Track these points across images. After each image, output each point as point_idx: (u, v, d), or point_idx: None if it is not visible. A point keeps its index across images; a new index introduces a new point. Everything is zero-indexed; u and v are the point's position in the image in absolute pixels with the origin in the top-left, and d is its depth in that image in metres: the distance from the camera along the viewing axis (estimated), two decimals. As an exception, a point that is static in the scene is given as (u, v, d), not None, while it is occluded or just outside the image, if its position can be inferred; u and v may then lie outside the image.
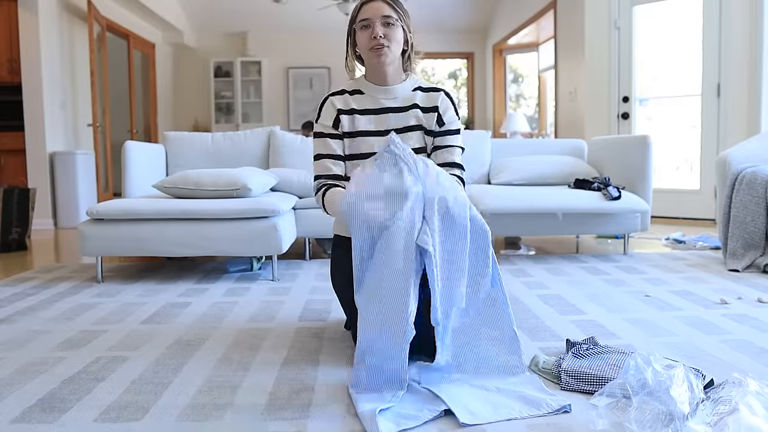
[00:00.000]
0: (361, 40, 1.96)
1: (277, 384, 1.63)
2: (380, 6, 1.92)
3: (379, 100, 2.00)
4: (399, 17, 1.94)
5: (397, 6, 1.96)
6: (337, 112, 1.99)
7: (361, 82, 2.04)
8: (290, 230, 3.19)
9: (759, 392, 1.28)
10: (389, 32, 1.92)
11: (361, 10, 1.95)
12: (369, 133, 1.98)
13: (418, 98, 2.00)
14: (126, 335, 2.11)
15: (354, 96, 2.02)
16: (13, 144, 5.43)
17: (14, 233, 4.21)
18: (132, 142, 3.60)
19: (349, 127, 1.99)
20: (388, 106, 2.00)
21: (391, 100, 2.00)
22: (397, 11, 1.94)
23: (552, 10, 6.71)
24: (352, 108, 2.00)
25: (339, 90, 2.05)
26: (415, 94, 2.01)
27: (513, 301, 2.54)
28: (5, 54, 5.38)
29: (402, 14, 1.95)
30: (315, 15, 8.78)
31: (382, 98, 2.00)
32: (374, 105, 2.00)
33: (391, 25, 1.92)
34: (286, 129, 9.46)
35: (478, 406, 1.42)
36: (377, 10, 1.91)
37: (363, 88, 2.02)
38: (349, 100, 2.01)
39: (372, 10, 1.92)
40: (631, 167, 3.71)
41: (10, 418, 1.44)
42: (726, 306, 2.42)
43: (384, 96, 2.00)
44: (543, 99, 8.40)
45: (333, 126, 2.00)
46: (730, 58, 4.90)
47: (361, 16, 1.94)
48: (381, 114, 1.99)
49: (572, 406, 1.45)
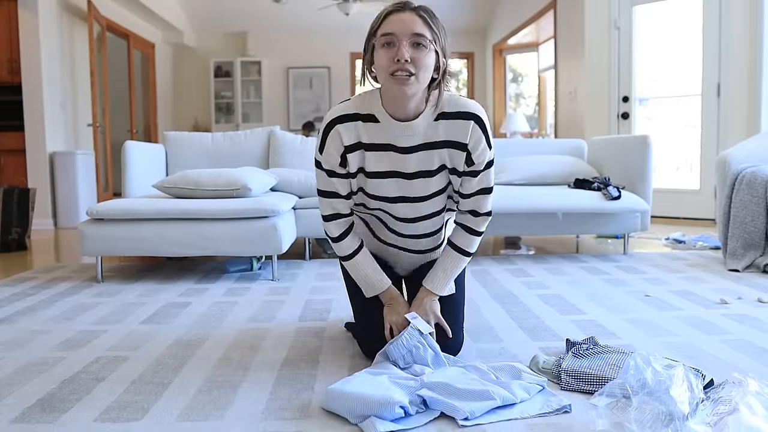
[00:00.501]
0: (380, 60, 1.53)
1: (277, 384, 1.63)
2: (411, 19, 1.51)
3: (395, 137, 1.62)
4: (434, 38, 1.53)
5: (434, 23, 1.54)
6: (344, 150, 1.63)
7: (377, 103, 1.62)
8: (290, 230, 3.19)
9: (759, 392, 1.28)
10: (418, 56, 1.50)
11: (386, 21, 1.53)
12: (381, 174, 1.65)
13: (442, 130, 1.62)
14: (126, 335, 2.11)
15: (367, 124, 1.62)
16: (13, 144, 5.43)
17: (14, 233, 4.21)
18: (132, 142, 3.60)
19: (357, 165, 1.66)
20: (406, 146, 1.62)
21: (409, 138, 1.62)
22: (432, 29, 1.52)
23: (552, 10, 6.71)
24: (360, 142, 1.63)
25: (350, 112, 1.63)
26: (438, 124, 1.62)
27: (513, 301, 2.54)
28: (5, 54, 5.38)
29: (438, 34, 1.53)
30: (315, 15, 8.78)
31: (400, 135, 1.62)
32: (388, 141, 1.62)
33: (422, 46, 1.51)
34: (286, 129, 9.46)
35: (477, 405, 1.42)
36: (407, 24, 1.50)
37: (379, 114, 1.62)
38: (360, 130, 1.63)
39: (400, 23, 1.50)
40: (631, 167, 3.71)
41: (10, 418, 1.44)
42: (726, 306, 2.42)
43: (402, 133, 1.61)
44: (543, 99, 8.40)
45: (340, 165, 1.65)
46: (730, 58, 4.90)
47: (385, 29, 1.52)
48: (397, 153, 1.64)
49: (572, 406, 1.45)
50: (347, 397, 1.41)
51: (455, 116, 1.61)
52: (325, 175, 1.67)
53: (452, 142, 1.62)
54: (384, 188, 1.67)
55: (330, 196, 1.70)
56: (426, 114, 1.61)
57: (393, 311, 1.75)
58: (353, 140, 1.63)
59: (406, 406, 1.38)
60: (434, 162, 1.64)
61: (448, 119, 1.61)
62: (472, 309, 2.38)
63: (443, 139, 1.62)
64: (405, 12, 1.52)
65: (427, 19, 1.53)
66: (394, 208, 1.71)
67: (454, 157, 1.64)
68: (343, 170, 1.66)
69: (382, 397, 1.39)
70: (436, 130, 1.62)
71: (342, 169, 1.66)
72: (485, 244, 4.21)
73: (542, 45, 8.27)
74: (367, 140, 1.63)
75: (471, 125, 1.61)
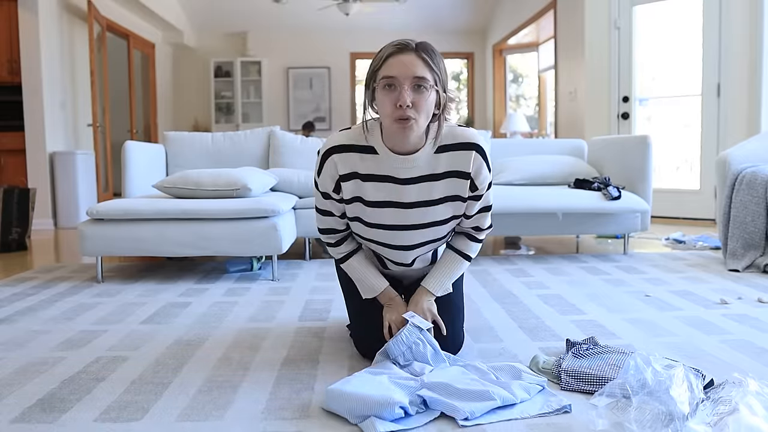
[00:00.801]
0: (381, 102, 1.54)
1: (277, 384, 1.63)
2: (413, 62, 1.50)
3: (394, 169, 1.63)
4: (435, 79, 1.53)
5: (434, 62, 1.53)
6: (338, 178, 1.66)
7: (377, 136, 1.63)
8: (290, 230, 3.19)
9: (759, 392, 1.28)
10: (419, 100, 1.51)
11: (387, 63, 1.52)
12: (379, 204, 1.66)
13: (444, 161, 1.63)
14: (126, 335, 2.11)
15: (365, 156, 1.63)
16: (13, 144, 5.43)
17: (14, 233, 4.21)
18: (132, 142, 3.60)
19: (353, 194, 1.67)
20: (406, 177, 1.63)
21: (408, 170, 1.63)
22: (433, 71, 1.52)
23: (552, 10, 6.71)
24: (356, 172, 1.64)
25: (347, 143, 1.64)
26: (439, 157, 1.63)
27: (513, 301, 2.54)
28: (5, 54, 5.38)
29: (438, 73, 1.53)
30: (315, 15, 8.78)
31: (399, 167, 1.62)
32: (387, 173, 1.63)
33: (423, 89, 1.51)
34: (286, 129, 9.46)
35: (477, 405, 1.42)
36: (408, 67, 1.50)
37: (378, 147, 1.63)
38: (356, 161, 1.64)
39: (401, 66, 1.50)
40: (631, 167, 3.71)
41: (10, 418, 1.44)
42: (726, 306, 2.42)
43: (401, 165, 1.62)
44: (543, 99, 8.40)
45: (334, 191, 1.69)
46: (730, 58, 4.90)
47: (386, 71, 1.51)
48: (396, 185, 1.64)
49: (572, 406, 1.45)
50: (347, 398, 1.41)
51: (456, 148, 1.63)
52: (321, 196, 1.74)
53: (455, 171, 1.64)
54: (383, 217, 1.69)
55: (326, 215, 1.77)
56: (426, 148, 1.63)
57: (393, 311, 1.78)
58: (348, 170, 1.65)
59: (406, 406, 1.39)
60: (434, 193, 1.66)
61: (449, 151, 1.63)
62: (472, 309, 2.38)
63: (445, 170, 1.64)
64: (406, 54, 1.52)
65: (428, 60, 1.52)
66: (390, 236, 1.73)
67: (458, 185, 1.66)
68: (337, 196, 1.71)
69: (382, 397, 1.39)
70: (438, 162, 1.64)
71: (336, 194, 1.71)
72: (485, 244, 4.21)
73: (542, 45, 8.27)
74: (364, 171, 1.65)
75: (473, 155, 1.63)
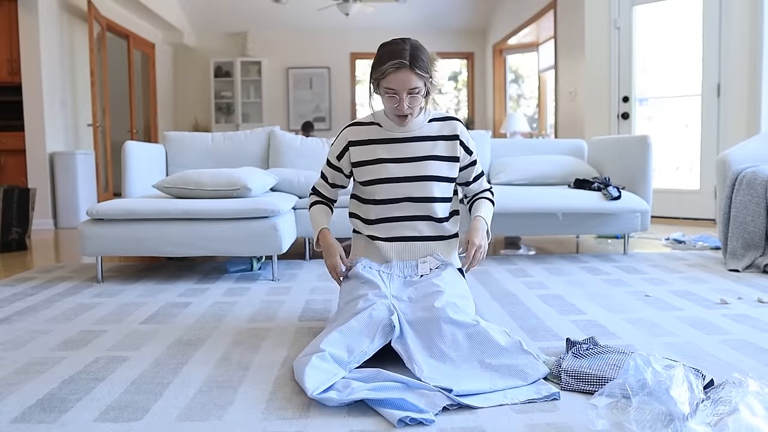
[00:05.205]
0: (385, 102, 1.97)
1: (277, 384, 1.63)
2: (408, 78, 1.87)
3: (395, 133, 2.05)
4: (425, 82, 1.92)
5: (424, 70, 1.90)
6: (347, 143, 2.06)
7: (380, 116, 2.07)
8: (290, 230, 3.19)
9: (759, 392, 1.28)
10: (414, 102, 1.92)
11: (387, 78, 1.89)
12: (388, 161, 2.02)
13: (435, 128, 2.05)
14: (126, 335, 2.11)
15: (371, 129, 2.06)
16: (13, 144, 5.43)
17: (14, 233, 4.21)
18: (132, 142, 3.60)
19: (364, 157, 2.04)
20: (407, 137, 2.03)
21: (407, 133, 2.04)
22: (422, 77, 1.90)
23: (552, 10, 6.71)
24: (368, 138, 2.05)
25: (362, 120, 2.10)
26: (431, 125, 2.05)
27: (513, 301, 2.54)
28: (5, 54, 5.38)
29: (426, 76, 1.91)
30: (315, 15, 8.79)
31: (399, 132, 2.04)
32: (392, 135, 2.04)
33: (417, 93, 1.91)
34: (286, 129, 9.46)
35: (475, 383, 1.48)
36: (405, 82, 1.88)
37: (383, 122, 2.05)
38: (365, 132, 2.06)
39: (399, 82, 1.88)
40: (631, 167, 3.71)
41: (10, 418, 1.44)
42: (726, 306, 2.42)
43: (401, 131, 2.04)
44: (543, 99, 8.40)
45: (337, 158, 2.09)
46: (730, 58, 4.90)
47: (388, 84, 1.89)
48: (400, 143, 2.03)
49: (572, 406, 1.45)
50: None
51: (444, 119, 2.09)
52: (326, 163, 2.16)
53: (445, 135, 2.06)
54: (389, 171, 2.02)
55: (322, 177, 2.18)
56: (419, 118, 2.06)
57: (331, 255, 2.02)
58: (358, 138, 2.07)
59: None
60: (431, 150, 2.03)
61: (439, 121, 2.08)
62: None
63: (437, 135, 2.06)
64: (403, 71, 1.87)
65: (419, 72, 1.88)
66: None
67: (450, 145, 2.05)
68: (338, 163, 2.11)
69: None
70: (431, 128, 2.07)
71: (337, 161, 2.11)
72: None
73: (542, 45, 8.27)
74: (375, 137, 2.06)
75: (457, 123, 2.08)
